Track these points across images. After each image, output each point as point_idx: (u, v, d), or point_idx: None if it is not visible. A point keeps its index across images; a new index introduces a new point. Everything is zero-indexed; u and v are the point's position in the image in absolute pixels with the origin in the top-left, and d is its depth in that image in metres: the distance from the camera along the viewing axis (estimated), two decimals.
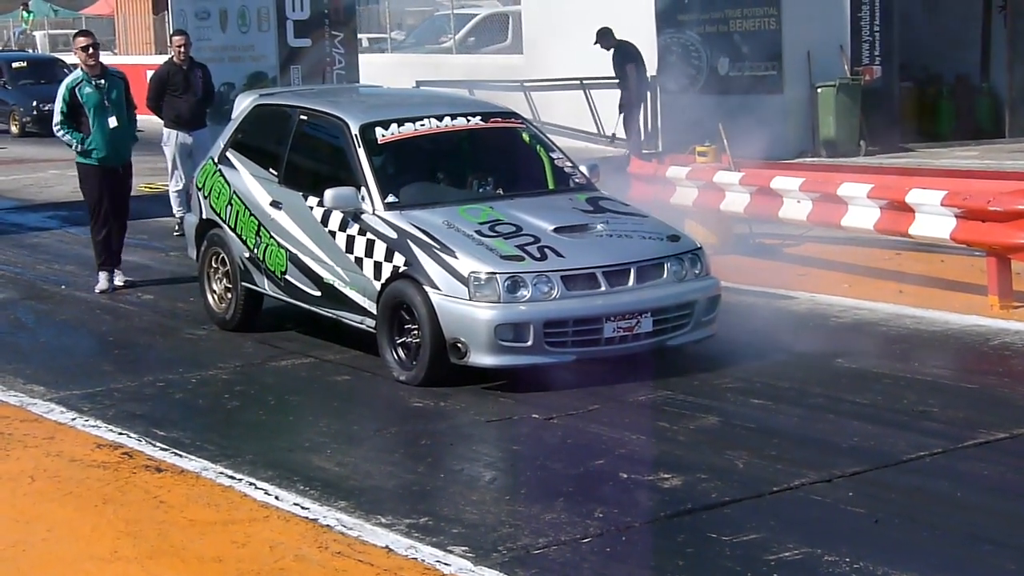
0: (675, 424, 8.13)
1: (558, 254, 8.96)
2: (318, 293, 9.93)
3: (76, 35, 12.83)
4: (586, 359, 8.90)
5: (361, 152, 9.78)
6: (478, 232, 9.15)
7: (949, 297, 11.20)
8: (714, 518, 6.71)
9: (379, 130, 9.94)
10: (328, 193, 9.54)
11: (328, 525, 6.69)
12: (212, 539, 6.57)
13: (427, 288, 8.91)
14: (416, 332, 9.01)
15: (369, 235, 9.43)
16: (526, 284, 8.76)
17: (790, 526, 6.61)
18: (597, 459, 7.63)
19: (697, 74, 21.19)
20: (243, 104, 11.35)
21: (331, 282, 9.76)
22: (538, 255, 8.94)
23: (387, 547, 6.38)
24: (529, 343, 8.71)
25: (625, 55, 20.26)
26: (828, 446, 7.68)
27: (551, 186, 10.21)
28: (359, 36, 22.97)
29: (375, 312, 9.31)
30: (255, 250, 10.51)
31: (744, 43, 21.83)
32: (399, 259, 9.15)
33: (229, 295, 10.86)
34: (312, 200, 9.95)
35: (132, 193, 13.19)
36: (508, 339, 8.68)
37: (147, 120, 15.75)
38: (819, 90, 21.45)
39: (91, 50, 12.48)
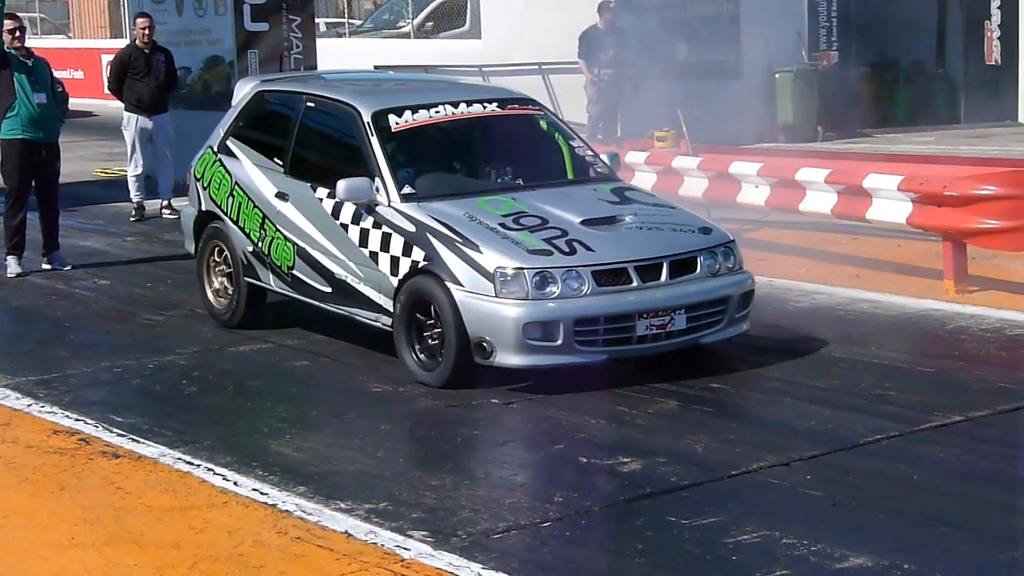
0: (634, 408, 8.15)
1: (588, 248, 8.53)
2: (328, 289, 9.47)
3: (4, 18, 12.80)
4: (617, 359, 8.53)
5: (374, 141, 9.31)
6: (502, 225, 8.71)
7: (905, 281, 11.26)
8: (673, 502, 6.74)
9: (392, 117, 9.47)
10: (341, 184, 9.06)
11: (287, 510, 6.67)
12: (170, 525, 6.55)
13: (449, 284, 8.46)
14: (437, 331, 8.58)
15: (385, 228, 8.97)
16: (555, 280, 8.33)
17: (748, 509, 6.64)
18: (556, 444, 7.64)
19: (655, 60, 21.18)
20: (243, 90, 10.85)
21: (343, 278, 9.31)
22: (567, 249, 8.50)
23: (346, 532, 6.37)
24: (559, 342, 8.28)
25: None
26: (786, 430, 7.72)
27: (572, 176, 9.82)
28: (316, 20, 22.86)
29: (392, 310, 8.88)
30: (259, 244, 10.03)
31: (702, 29, 21.87)
32: (418, 254, 8.71)
33: (230, 291, 10.39)
34: (321, 191, 9.50)
35: (88, 178, 13.11)
36: (536, 338, 8.25)
37: (104, 105, 15.70)
38: (777, 76, 21.53)
39: (17, 33, 12.60)
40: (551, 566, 6.05)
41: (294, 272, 9.74)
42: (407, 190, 9.09)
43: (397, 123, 9.44)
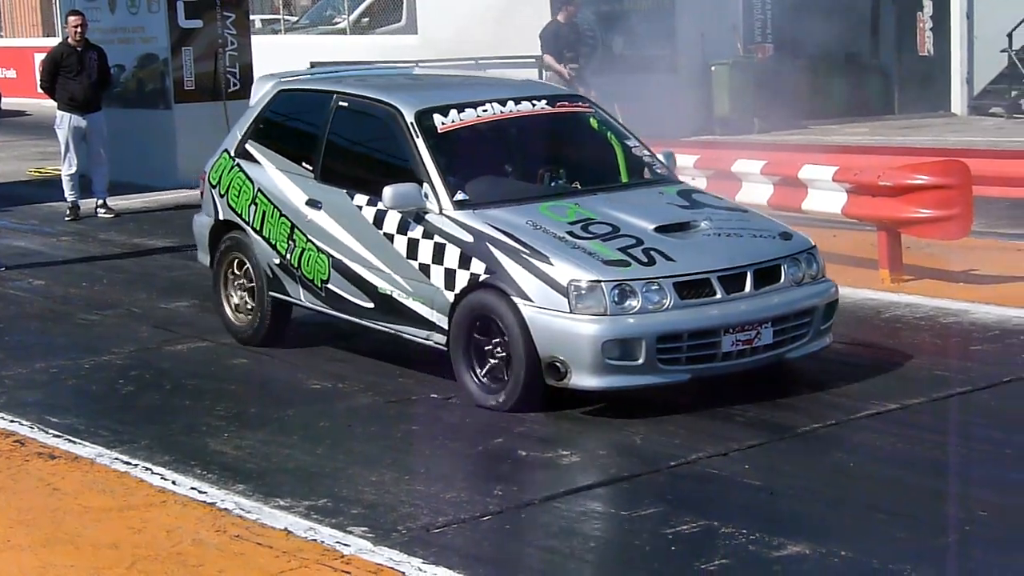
0: (573, 401, 8.17)
1: (667, 257, 7.86)
2: (370, 305, 8.73)
3: None
4: (701, 377, 7.91)
5: (420, 143, 8.56)
6: (570, 234, 8.02)
7: (841, 271, 11.29)
8: (612, 494, 6.77)
9: (437, 117, 8.73)
10: (387, 191, 8.30)
11: (226, 509, 6.64)
12: (108, 525, 6.50)
13: (516, 300, 7.78)
14: (501, 351, 7.93)
15: (437, 238, 8.25)
16: (635, 293, 7.65)
17: (688, 500, 6.69)
18: (496, 438, 7.64)
19: (592, 54, 21.23)
20: (262, 90, 10.02)
21: (388, 292, 8.59)
22: (645, 259, 7.82)
23: (286, 529, 6.35)
24: (640, 361, 7.63)
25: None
26: (724, 420, 7.76)
27: (631, 178, 9.13)
28: (252, 17, 22.74)
29: (446, 327, 8.19)
30: (287, 256, 9.25)
31: (638, 23, 21.95)
32: (478, 266, 8.02)
33: (252, 307, 9.64)
34: (360, 198, 8.77)
35: (22, 178, 13.00)
36: (616, 357, 7.61)
37: (38, 104, 15.57)
38: (713, 69, 21.65)
39: None
40: (491, 559, 6.06)
41: (329, 286, 9.00)
42: (460, 196, 8.37)
43: (443, 123, 8.72)
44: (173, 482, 7.03)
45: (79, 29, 15.60)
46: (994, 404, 8.01)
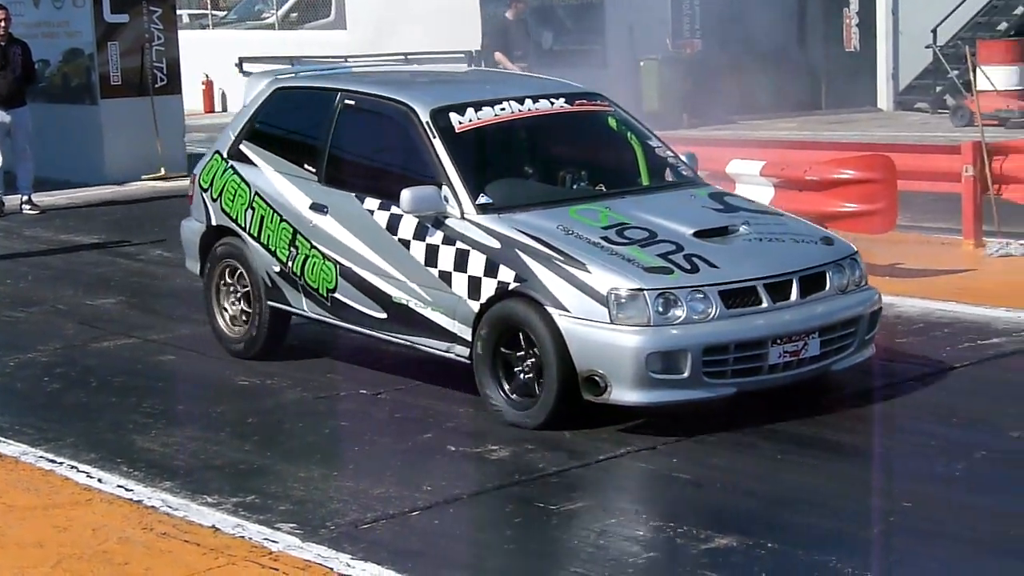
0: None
1: (710, 264, 7.48)
2: (383, 315, 8.26)
3: None
4: (747, 391, 7.52)
5: (437, 143, 8.12)
6: (605, 239, 7.63)
7: None
8: (541, 488, 6.78)
9: (454, 116, 8.28)
10: (405, 195, 7.88)
11: (153, 506, 6.59)
12: (32, 524, 6.43)
13: (551, 310, 7.37)
14: (530, 364, 7.55)
15: (460, 245, 7.83)
16: (679, 302, 7.27)
17: (616, 493, 6.75)
18: (425, 433, 7.64)
19: (521, 49, 21.24)
20: (256, 88, 9.46)
21: (403, 301, 8.13)
22: (687, 266, 7.44)
23: (214, 526, 6.31)
24: (685, 374, 7.25)
25: None
26: (652, 415, 7.75)
27: (654, 180, 8.72)
28: (179, 12, 22.60)
29: (469, 338, 7.78)
30: (289, 263, 8.75)
31: (568, 18, 22.02)
32: (506, 274, 7.59)
33: (248, 316, 9.11)
34: (371, 202, 8.33)
35: None
36: (660, 370, 7.22)
37: None
38: (642, 64, 21.75)
39: None
40: (420, 554, 6.05)
41: (336, 295, 8.50)
42: (483, 200, 7.94)
43: (460, 123, 8.26)
44: (99, 480, 6.97)
45: (3, 23, 15.43)
46: (919, 397, 8.10)
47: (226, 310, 9.27)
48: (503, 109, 8.48)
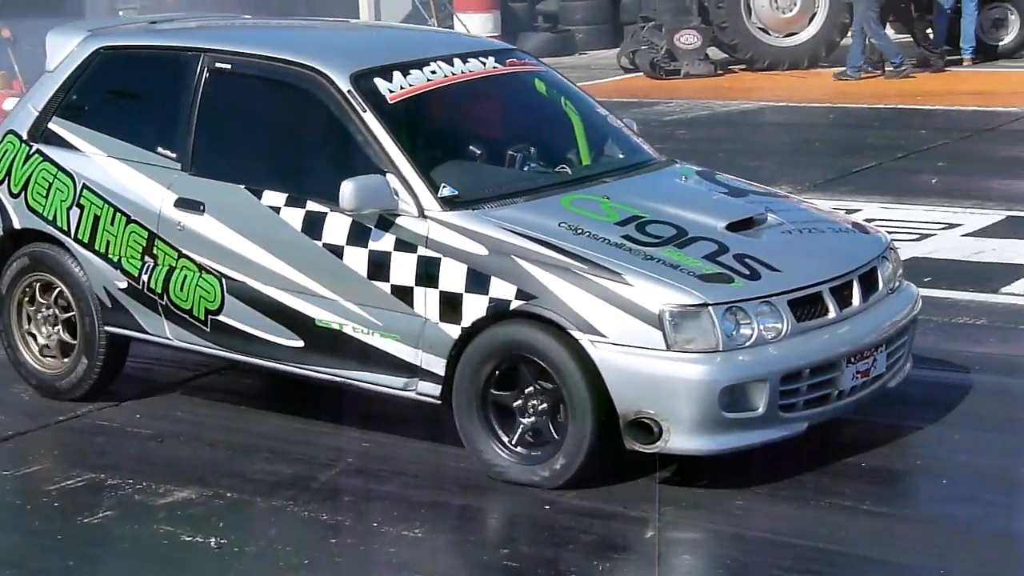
0: None
1: (770, 267, 6.01)
2: (298, 344, 6.47)
3: None
4: (814, 425, 6.02)
5: (370, 119, 6.38)
6: (628, 238, 6.07)
7: None
8: None
9: (381, 83, 6.55)
10: (348, 187, 6.12)
11: None
12: None
13: (577, 334, 5.79)
14: (543, 405, 5.96)
15: (423, 251, 6.14)
16: (749, 318, 5.81)
17: (76, 454, 6.65)
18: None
19: None
20: (65, 48, 7.40)
21: (331, 326, 6.37)
22: (745, 270, 5.95)
23: None
24: (760, 410, 5.77)
25: None
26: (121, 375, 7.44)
27: (627, 158, 7.10)
28: None
29: (442, 372, 6.13)
30: (142, 276, 6.85)
31: None
32: (502, 289, 5.94)
33: (69, 347, 7.20)
34: (272, 197, 6.53)
35: None
36: (731, 407, 5.74)
37: None
38: (121, 12, 21.40)
39: None
40: None
41: (221, 318, 6.67)
42: (447, 191, 6.26)
43: (391, 91, 6.56)
44: None
45: None
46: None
47: (36, 339, 7.32)
48: (434, 73, 6.77)
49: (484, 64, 6.99)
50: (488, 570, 5.50)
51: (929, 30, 18.13)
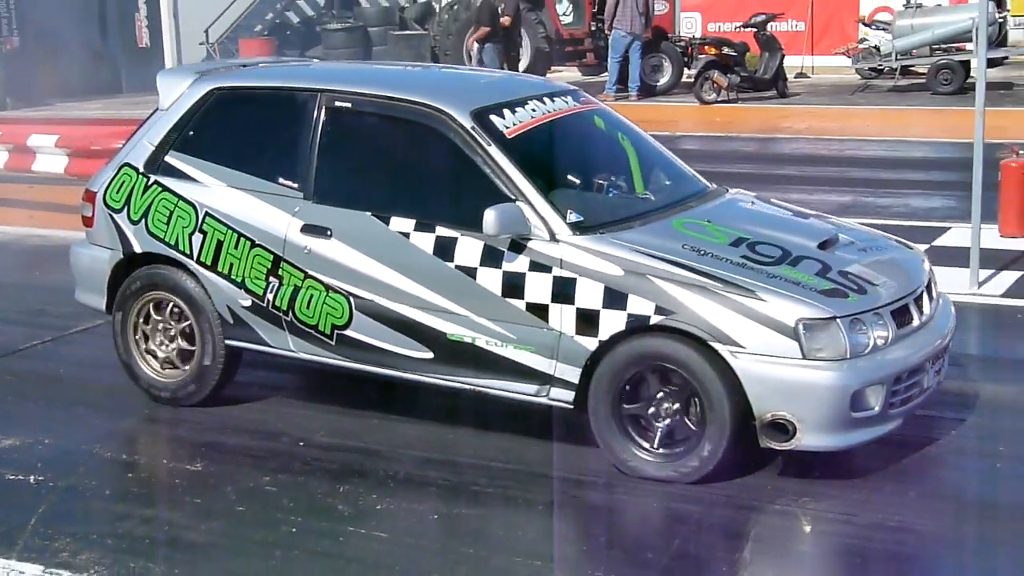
0: None
1: (870, 282, 6.68)
2: (427, 355, 6.96)
3: None
4: (906, 417, 6.70)
5: (495, 152, 6.87)
6: (747, 259, 6.60)
7: (68, 219, 11.27)
8: None
9: (496, 119, 7.06)
10: (491, 216, 6.56)
11: None
12: None
13: (717, 346, 6.33)
14: (675, 405, 6.53)
15: (558, 272, 6.62)
16: (866, 329, 6.43)
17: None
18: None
19: None
20: (179, 89, 7.80)
21: (463, 339, 6.84)
22: (853, 286, 6.59)
23: None
24: (876, 410, 6.40)
25: None
26: None
27: (690, 186, 7.74)
28: None
29: (575, 380, 6.63)
30: (268, 295, 7.30)
31: None
32: (640, 305, 6.45)
33: (186, 360, 7.69)
34: (402, 223, 6.96)
35: None
36: (857, 408, 6.36)
37: None
38: None
39: None
40: None
41: (348, 332, 7.13)
42: (574, 218, 6.75)
43: (507, 127, 7.06)
44: None
45: None
46: None
47: (157, 354, 7.81)
48: (535, 111, 7.34)
49: (567, 103, 7.63)
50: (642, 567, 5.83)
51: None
